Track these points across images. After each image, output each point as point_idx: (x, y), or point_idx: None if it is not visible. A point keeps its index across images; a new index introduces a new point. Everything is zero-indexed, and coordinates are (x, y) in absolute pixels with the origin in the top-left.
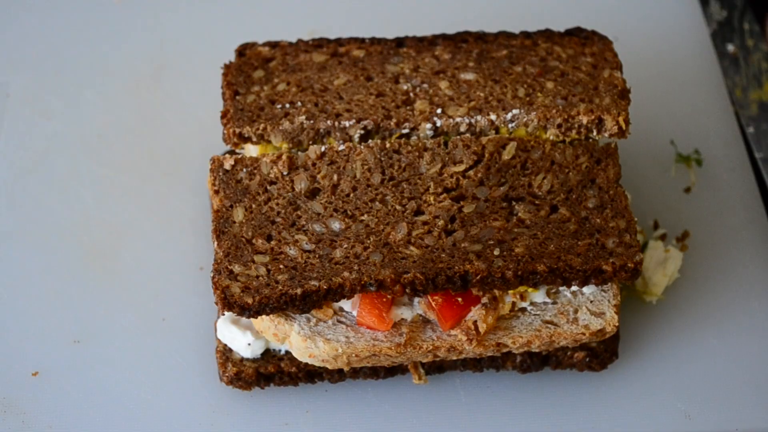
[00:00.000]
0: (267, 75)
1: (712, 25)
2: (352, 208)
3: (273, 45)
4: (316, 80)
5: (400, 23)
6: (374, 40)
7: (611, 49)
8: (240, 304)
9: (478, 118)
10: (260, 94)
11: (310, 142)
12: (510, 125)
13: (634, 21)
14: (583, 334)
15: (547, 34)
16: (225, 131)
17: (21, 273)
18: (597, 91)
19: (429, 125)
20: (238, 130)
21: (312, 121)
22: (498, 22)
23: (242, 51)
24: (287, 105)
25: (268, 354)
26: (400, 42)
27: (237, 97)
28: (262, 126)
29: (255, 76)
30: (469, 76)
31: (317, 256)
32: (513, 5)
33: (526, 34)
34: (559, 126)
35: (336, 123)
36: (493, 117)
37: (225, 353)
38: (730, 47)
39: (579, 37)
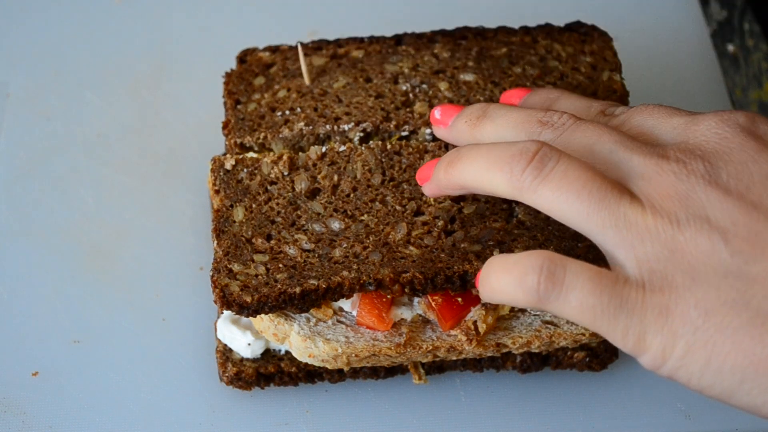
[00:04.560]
0: (268, 82)
1: (712, 25)
2: (352, 208)
3: (273, 50)
4: (315, 84)
5: (401, 20)
6: (373, 39)
7: (611, 47)
8: (239, 302)
9: None
10: (261, 102)
11: (311, 146)
12: None
13: (634, 21)
14: (583, 334)
15: (547, 30)
16: (227, 142)
17: (21, 273)
18: (596, 96)
19: (428, 131)
20: (239, 141)
21: (311, 127)
22: (498, 21)
23: (243, 57)
24: (287, 112)
25: (268, 354)
26: (398, 40)
27: (238, 107)
28: (262, 135)
29: (256, 84)
30: (469, 77)
31: (317, 255)
32: (513, 4)
33: (525, 30)
34: None
35: (335, 127)
36: None
37: (225, 353)
38: (730, 47)
39: (579, 32)
